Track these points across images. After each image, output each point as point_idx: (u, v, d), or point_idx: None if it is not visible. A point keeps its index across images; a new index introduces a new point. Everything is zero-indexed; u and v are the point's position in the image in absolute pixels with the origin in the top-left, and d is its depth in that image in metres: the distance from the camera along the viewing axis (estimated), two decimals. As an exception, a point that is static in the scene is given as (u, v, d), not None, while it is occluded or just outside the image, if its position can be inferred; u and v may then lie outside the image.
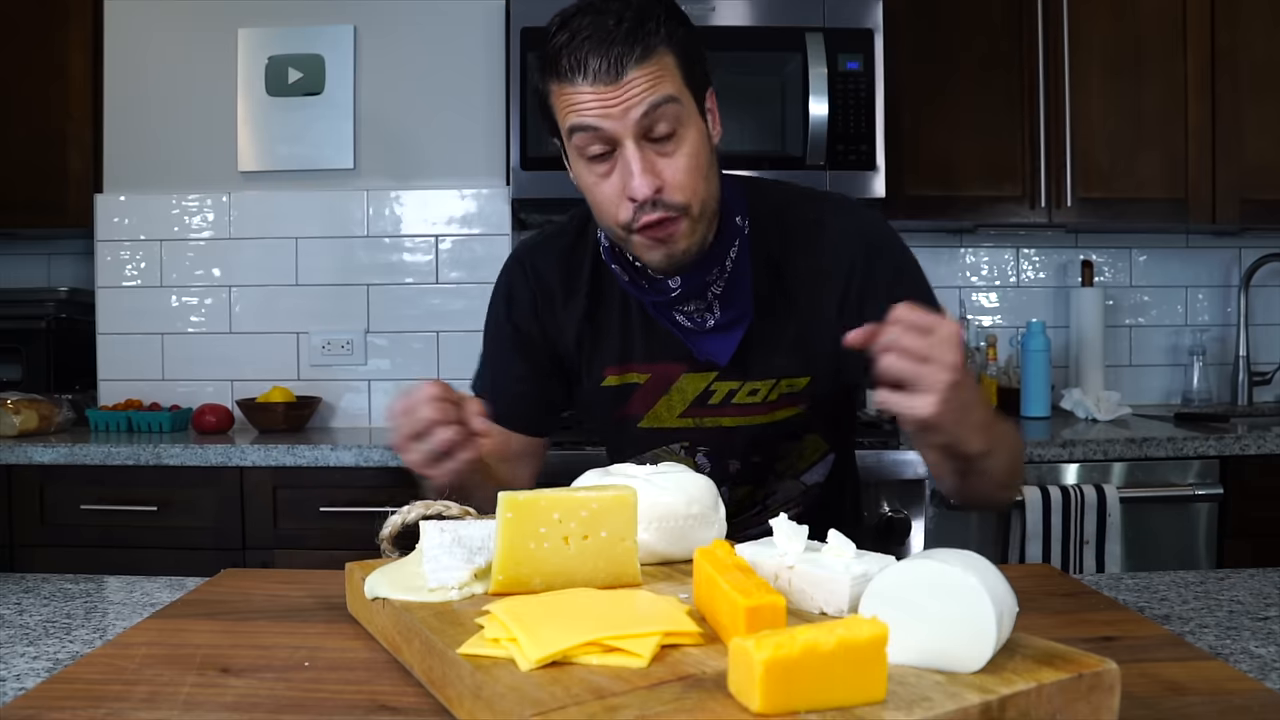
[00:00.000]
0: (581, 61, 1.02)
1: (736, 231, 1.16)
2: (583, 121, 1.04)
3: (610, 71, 1.01)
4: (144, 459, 2.15)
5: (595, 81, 1.02)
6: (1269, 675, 0.73)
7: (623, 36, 1.01)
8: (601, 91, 1.02)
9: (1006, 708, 0.53)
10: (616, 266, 1.18)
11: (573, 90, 1.03)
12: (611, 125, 1.03)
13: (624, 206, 1.06)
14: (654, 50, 1.03)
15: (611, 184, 1.07)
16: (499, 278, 1.30)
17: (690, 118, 1.07)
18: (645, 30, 1.02)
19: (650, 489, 0.83)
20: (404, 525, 0.88)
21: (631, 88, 1.02)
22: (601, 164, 1.06)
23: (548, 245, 1.27)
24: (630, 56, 1.01)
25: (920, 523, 2.06)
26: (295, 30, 2.62)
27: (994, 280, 2.85)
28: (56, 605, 0.95)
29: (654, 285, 1.16)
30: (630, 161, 1.04)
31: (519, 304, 1.26)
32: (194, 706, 0.64)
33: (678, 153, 1.06)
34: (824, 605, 0.67)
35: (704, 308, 1.16)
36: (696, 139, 1.07)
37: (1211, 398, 2.75)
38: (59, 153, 2.56)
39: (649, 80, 1.02)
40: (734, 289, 1.16)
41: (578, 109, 1.04)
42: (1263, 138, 2.48)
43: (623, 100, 1.02)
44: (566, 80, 1.03)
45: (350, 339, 2.64)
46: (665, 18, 1.05)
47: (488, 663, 0.59)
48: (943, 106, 2.47)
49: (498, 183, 2.62)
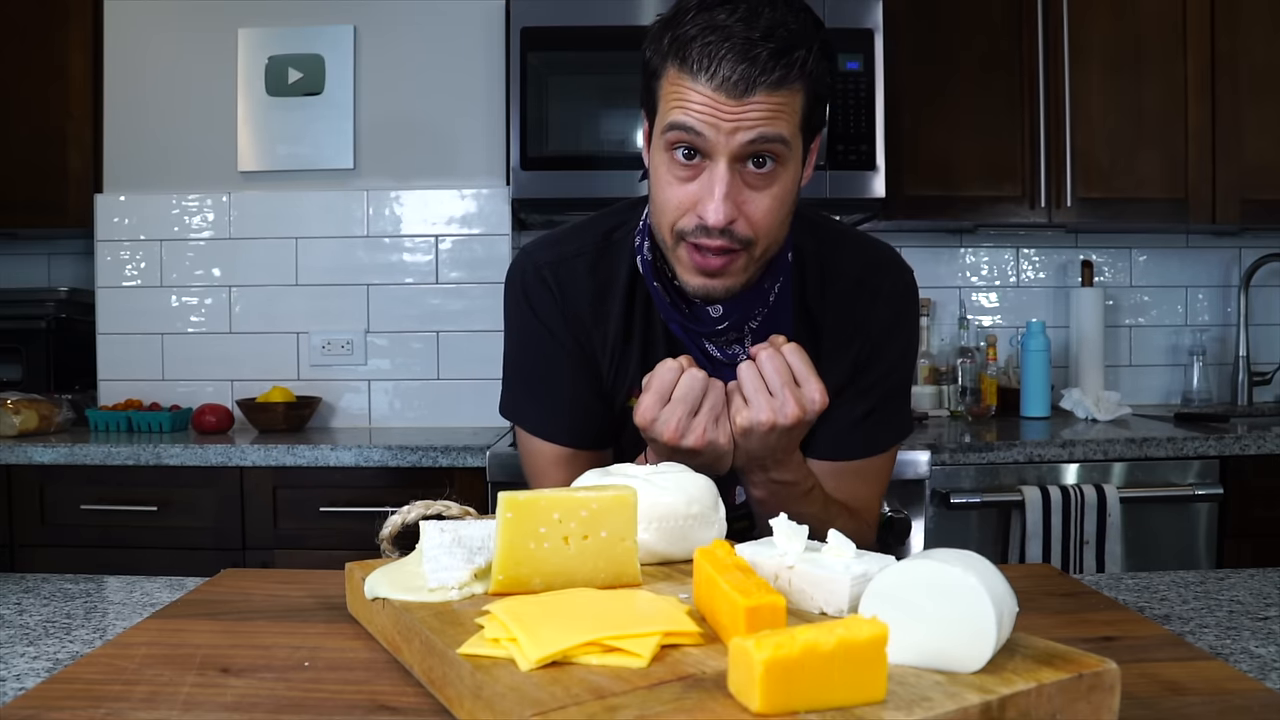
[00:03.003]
0: (715, 63, 0.94)
1: (784, 268, 1.12)
2: (688, 121, 0.96)
3: (739, 85, 0.94)
4: (144, 459, 2.15)
5: (720, 88, 0.94)
6: (1269, 675, 0.73)
7: (767, 55, 0.94)
8: (721, 101, 0.95)
9: (1006, 708, 0.53)
10: (658, 285, 1.11)
11: (691, 85, 0.96)
12: (715, 137, 0.96)
13: (689, 216, 1.00)
14: (789, 82, 0.96)
15: (688, 190, 1.00)
16: (516, 292, 1.19)
17: (792, 160, 1.01)
18: (791, 59, 0.95)
19: (650, 489, 0.83)
20: (404, 525, 0.87)
21: (752, 110, 0.95)
22: (685, 167, 1.00)
23: (572, 264, 1.17)
24: (767, 79, 0.94)
25: (920, 523, 2.06)
26: (295, 30, 2.62)
27: (994, 280, 2.85)
28: (56, 605, 0.95)
29: (694, 312, 1.11)
30: (717, 183, 0.97)
31: (549, 318, 1.17)
32: (194, 706, 0.64)
33: (766, 191, 1.00)
34: (824, 605, 0.67)
35: (735, 340, 1.12)
36: (790, 182, 1.02)
37: (1211, 398, 2.75)
38: (59, 153, 2.56)
39: (771, 110, 0.96)
40: (771, 325, 1.12)
41: (688, 105, 0.96)
42: (1262, 138, 2.48)
43: (737, 119, 0.95)
44: (689, 72, 0.96)
45: (350, 339, 2.64)
46: (815, 51, 0.98)
47: (488, 663, 0.59)
48: (943, 107, 2.47)
49: (498, 183, 2.62)
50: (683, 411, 0.97)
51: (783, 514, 0.74)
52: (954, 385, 2.66)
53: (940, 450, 2.09)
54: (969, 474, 2.11)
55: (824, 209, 2.40)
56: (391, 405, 2.66)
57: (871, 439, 1.17)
